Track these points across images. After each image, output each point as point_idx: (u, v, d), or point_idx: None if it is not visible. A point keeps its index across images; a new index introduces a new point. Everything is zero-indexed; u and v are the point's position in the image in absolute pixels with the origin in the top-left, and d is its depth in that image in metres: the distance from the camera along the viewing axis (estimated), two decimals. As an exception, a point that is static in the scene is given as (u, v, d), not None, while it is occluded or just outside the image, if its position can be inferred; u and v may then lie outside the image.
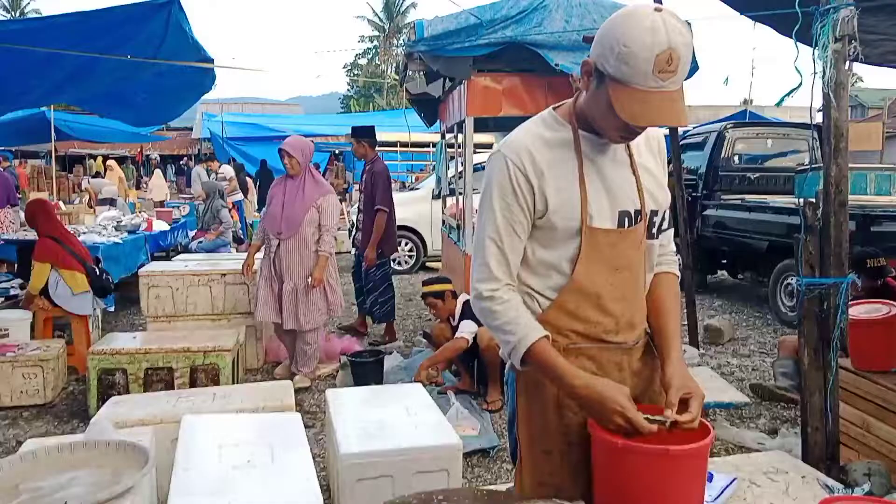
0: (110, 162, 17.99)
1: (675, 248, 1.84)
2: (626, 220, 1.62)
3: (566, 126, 1.61)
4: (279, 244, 4.85)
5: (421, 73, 6.41)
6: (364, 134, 6.10)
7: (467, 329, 4.49)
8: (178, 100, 7.21)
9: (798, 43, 2.95)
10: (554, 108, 1.66)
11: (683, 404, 1.55)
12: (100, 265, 5.59)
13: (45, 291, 5.14)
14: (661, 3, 4.92)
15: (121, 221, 7.98)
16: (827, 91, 2.83)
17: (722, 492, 2.04)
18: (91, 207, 11.63)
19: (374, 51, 48.77)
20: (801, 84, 2.90)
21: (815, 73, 2.86)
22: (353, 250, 6.56)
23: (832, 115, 2.85)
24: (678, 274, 1.81)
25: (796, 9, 2.78)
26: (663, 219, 1.71)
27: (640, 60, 1.38)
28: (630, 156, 1.65)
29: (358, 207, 6.40)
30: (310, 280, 4.80)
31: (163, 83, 6.19)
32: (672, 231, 1.79)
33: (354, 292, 6.37)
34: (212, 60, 5.50)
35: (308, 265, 4.84)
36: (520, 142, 1.60)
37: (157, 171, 19.82)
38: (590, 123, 1.58)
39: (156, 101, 7.07)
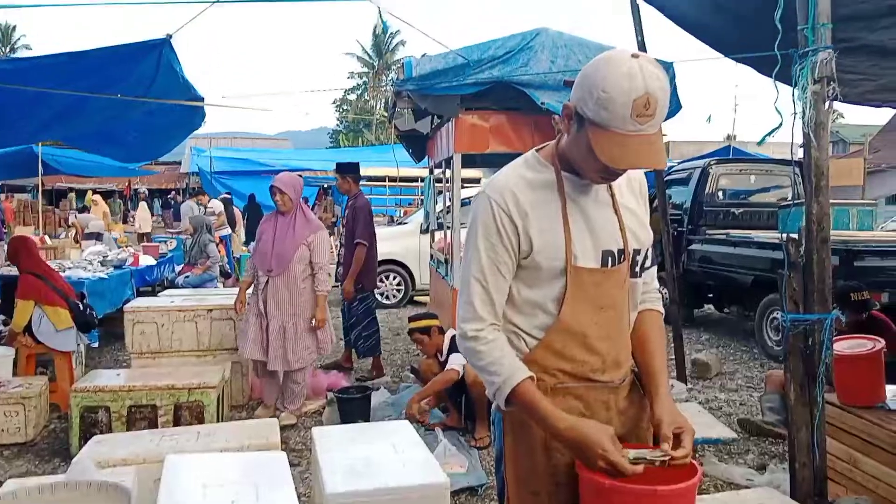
0: (95, 196, 17.99)
1: (658, 285, 1.86)
2: (610, 259, 1.64)
3: (549, 167, 1.64)
4: (268, 281, 4.83)
5: (409, 110, 6.49)
6: (348, 170, 6.16)
7: (457, 362, 4.48)
8: (168, 137, 7.23)
9: (778, 83, 3.03)
10: (537, 150, 1.70)
11: (676, 439, 1.56)
12: (84, 300, 5.54)
13: (28, 328, 5.10)
14: (645, 48, 5.04)
15: (107, 256, 7.93)
16: (807, 131, 2.89)
17: (710, 531, 2.03)
18: (77, 242, 11.56)
19: (363, 87, 49.25)
20: (781, 124, 2.97)
21: (795, 113, 2.93)
22: (339, 285, 6.57)
23: (813, 154, 2.90)
24: (662, 311, 1.83)
25: (775, 51, 2.86)
26: (646, 257, 1.73)
27: (618, 105, 1.41)
28: (612, 196, 1.68)
29: (340, 242, 6.42)
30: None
31: (153, 122, 6.20)
32: (655, 269, 1.82)
33: (343, 329, 6.35)
34: (202, 99, 5.53)
35: (297, 302, 4.82)
36: (503, 183, 1.62)
37: (143, 204, 19.84)
38: (571, 165, 1.61)
39: (145, 138, 7.08)
